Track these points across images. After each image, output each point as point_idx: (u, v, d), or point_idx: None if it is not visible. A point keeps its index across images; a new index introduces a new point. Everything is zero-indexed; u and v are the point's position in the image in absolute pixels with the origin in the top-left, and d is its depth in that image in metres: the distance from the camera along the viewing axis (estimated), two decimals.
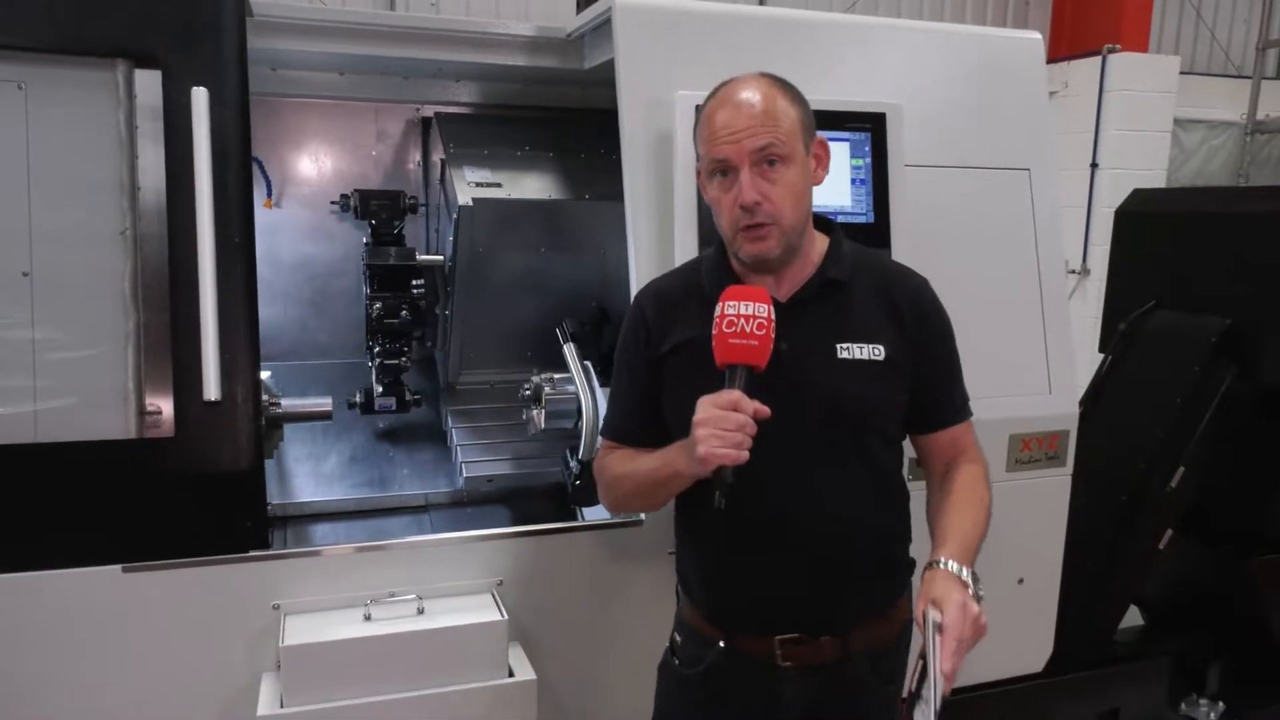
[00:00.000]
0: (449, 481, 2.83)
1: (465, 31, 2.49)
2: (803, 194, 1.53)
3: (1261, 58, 7.71)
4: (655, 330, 1.64)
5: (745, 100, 1.49)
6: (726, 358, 1.44)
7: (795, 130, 1.50)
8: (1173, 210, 3.34)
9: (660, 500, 1.65)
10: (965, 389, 1.71)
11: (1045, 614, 2.65)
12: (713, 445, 1.39)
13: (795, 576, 1.59)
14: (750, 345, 1.43)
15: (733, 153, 1.48)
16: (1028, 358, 2.52)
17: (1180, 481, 2.90)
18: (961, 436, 1.68)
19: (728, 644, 1.64)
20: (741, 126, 1.47)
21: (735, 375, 1.44)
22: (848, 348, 1.55)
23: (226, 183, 1.91)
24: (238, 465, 1.94)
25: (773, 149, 1.47)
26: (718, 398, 1.42)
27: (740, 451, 1.39)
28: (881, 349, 1.55)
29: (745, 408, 1.40)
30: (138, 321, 1.88)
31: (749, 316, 1.43)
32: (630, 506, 1.72)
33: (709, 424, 1.40)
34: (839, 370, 1.54)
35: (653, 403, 1.64)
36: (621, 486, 1.65)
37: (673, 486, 1.57)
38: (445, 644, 1.93)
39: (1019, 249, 2.52)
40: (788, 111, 1.50)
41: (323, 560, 2.02)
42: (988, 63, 2.52)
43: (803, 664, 1.61)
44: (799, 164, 1.51)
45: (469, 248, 2.71)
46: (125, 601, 1.88)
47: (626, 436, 1.68)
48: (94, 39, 1.83)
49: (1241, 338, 2.91)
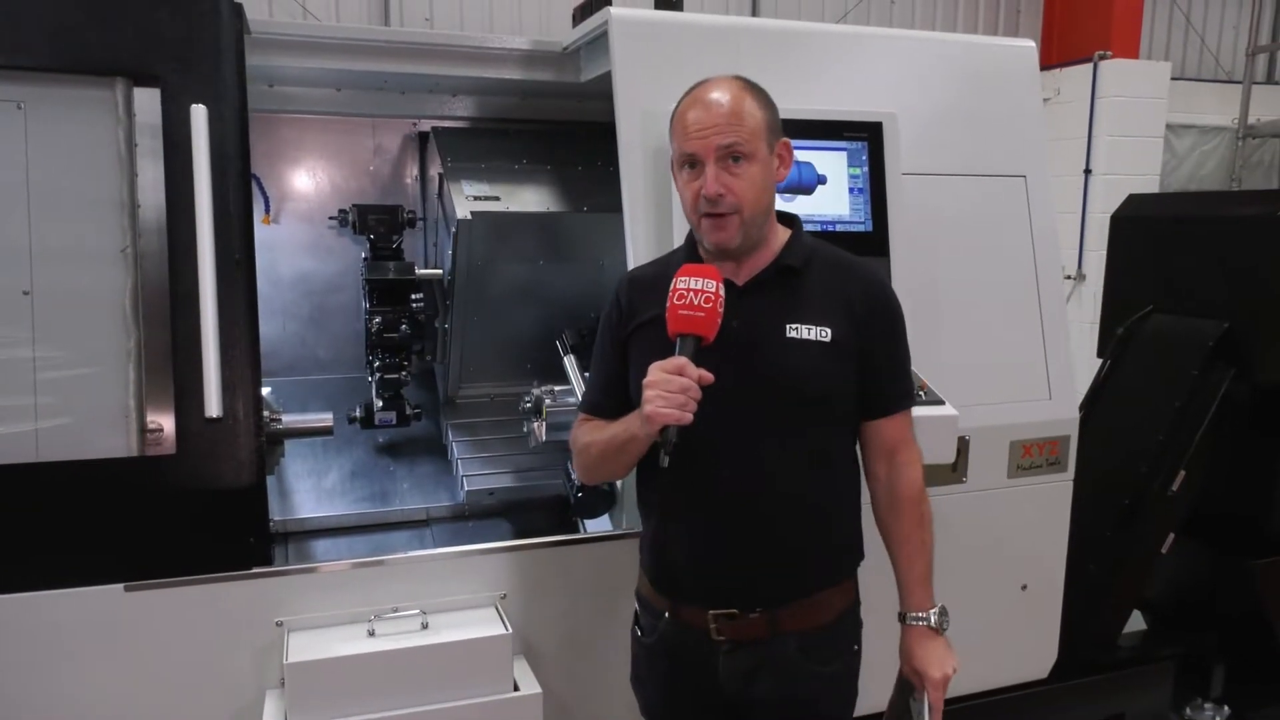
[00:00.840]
0: (450, 495, 2.83)
1: (461, 46, 2.50)
2: (764, 189, 1.63)
3: (1251, 63, 7.76)
4: (628, 311, 1.75)
5: (715, 100, 1.60)
6: (676, 327, 1.55)
7: (759, 131, 1.61)
8: (1168, 215, 3.35)
9: (623, 464, 1.73)
10: (911, 383, 1.80)
11: (1049, 620, 2.66)
12: (658, 405, 1.49)
13: (731, 547, 1.67)
14: (697, 317, 1.53)
15: (700, 148, 1.59)
16: (1027, 364, 2.52)
17: (1181, 485, 2.90)
18: (903, 423, 1.76)
19: (672, 614, 1.73)
20: (709, 125, 1.59)
21: (684, 344, 1.54)
22: (796, 328, 1.64)
23: (227, 199, 1.91)
24: (240, 482, 1.94)
25: (737, 147, 1.58)
26: (666, 362, 1.52)
27: (683, 413, 1.49)
28: (829, 331, 1.64)
29: (690, 373, 1.50)
30: (138, 339, 1.89)
31: (698, 291, 1.54)
32: (597, 472, 1.80)
33: (656, 386, 1.51)
34: (787, 348, 1.64)
35: (621, 379, 1.73)
36: (589, 452, 1.74)
37: (631, 450, 1.65)
38: (450, 659, 1.93)
39: (1017, 256, 2.53)
40: (754, 113, 1.61)
41: (325, 576, 2.02)
42: (981, 71, 2.53)
43: (735, 638, 1.67)
44: (761, 162, 1.61)
45: (468, 261, 2.71)
46: (128, 620, 1.87)
47: (598, 409, 1.78)
48: (93, 58, 1.84)
49: (1238, 341, 2.92)
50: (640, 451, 1.65)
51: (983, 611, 2.50)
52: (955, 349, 2.37)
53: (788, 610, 1.67)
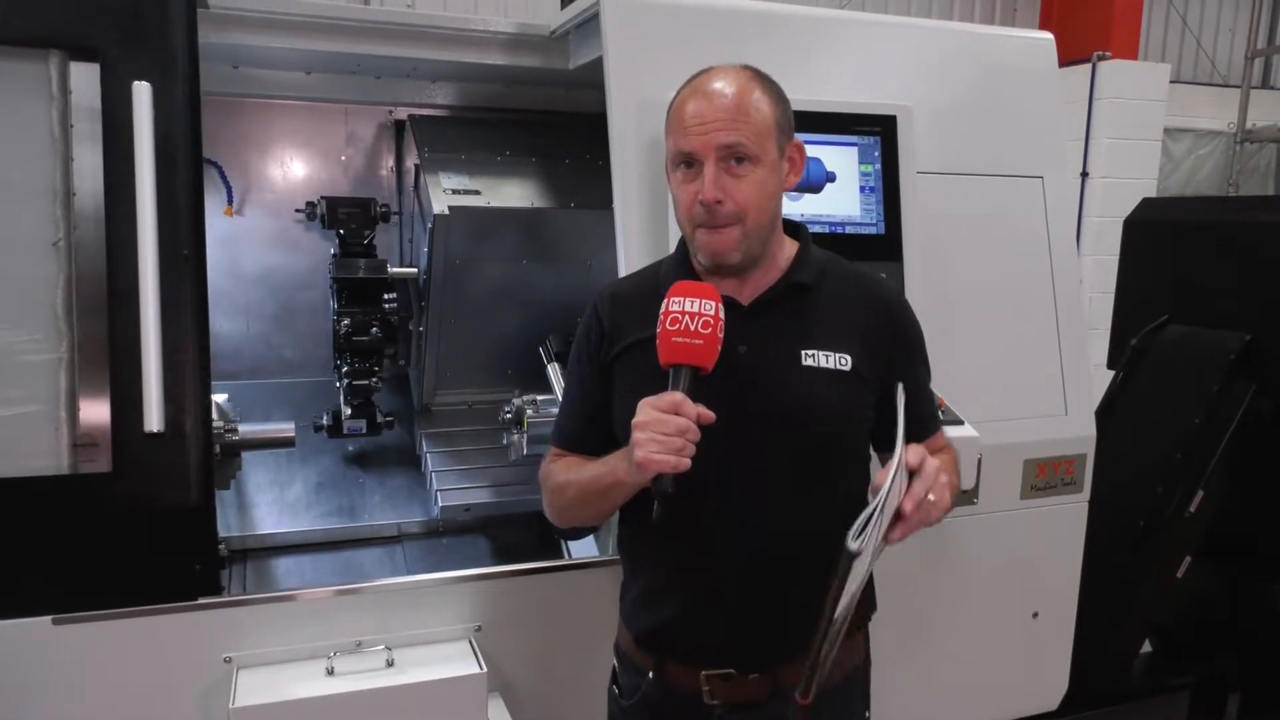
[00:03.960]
0: (423, 510, 2.69)
1: (441, 28, 2.35)
2: (770, 196, 1.45)
3: (1249, 67, 7.70)
4: (610, 332, 1.56)
5: (718, 91, 1.42)
6: (669, 357, 1.36)
7: (768, 129, 1.43)
8: (1185, 220, 3.25)
9: (604, 511, 1.55)
10: (933, 402, 1.66)
11: (1061, 649, 2.54)
12: (650, 450, 1.29)
13: (731, 603, 1.49)
14: (694, 345, 1.35)
15: (699, 145, 1.41)
16: (1043, 377, 2.40)
17: (1199, 505, 2.80)
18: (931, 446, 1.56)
19: (657, 674, 1.55)
20: (711, 119, 1.40)
21: (679, 376, 1.35)
22: (813, 354, 1.46)
23: (173, 188, 1.74)
24: (185, 502, 1.76)
25: (741, 146, 1.40)
26: (658, 400, 1.33)
27: (680, 458, 1.29)
28: (848, 358, 1.47)
29: (687, 411, 1.31)
30: (71, 342, 1.71)
31: (694, 314, 1.35)
32: (573, 517, 1.60)
33: (648, 427, 1.31)
34: (803, 377, 1.46)
35: (603, 408, 1.55)
36: (564, 494, 1.55)
37: (615, 496, 1.47)
38: (418, 700, 1.77)
39: (1033, 262, 2.41)
40: (762, 109, 1.43)
41: (281, 606, 1.85)
42: (998, 65, 2.41)
43: (730, 702, 1.50)
44: (769, 165, 1.44)
45: (445, 259, 2.57)
46: (56, 657, 1.70)
47: (574, 443, 1.59)
48: (24, 28, 1.66)
49: (1261, 354, 2.81)
50: (625, 498, 1.47)
51: (992, 641, 2.41)
52: (968, 362, 2.24)
53: (792, 669, 1.44)
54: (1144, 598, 2.85)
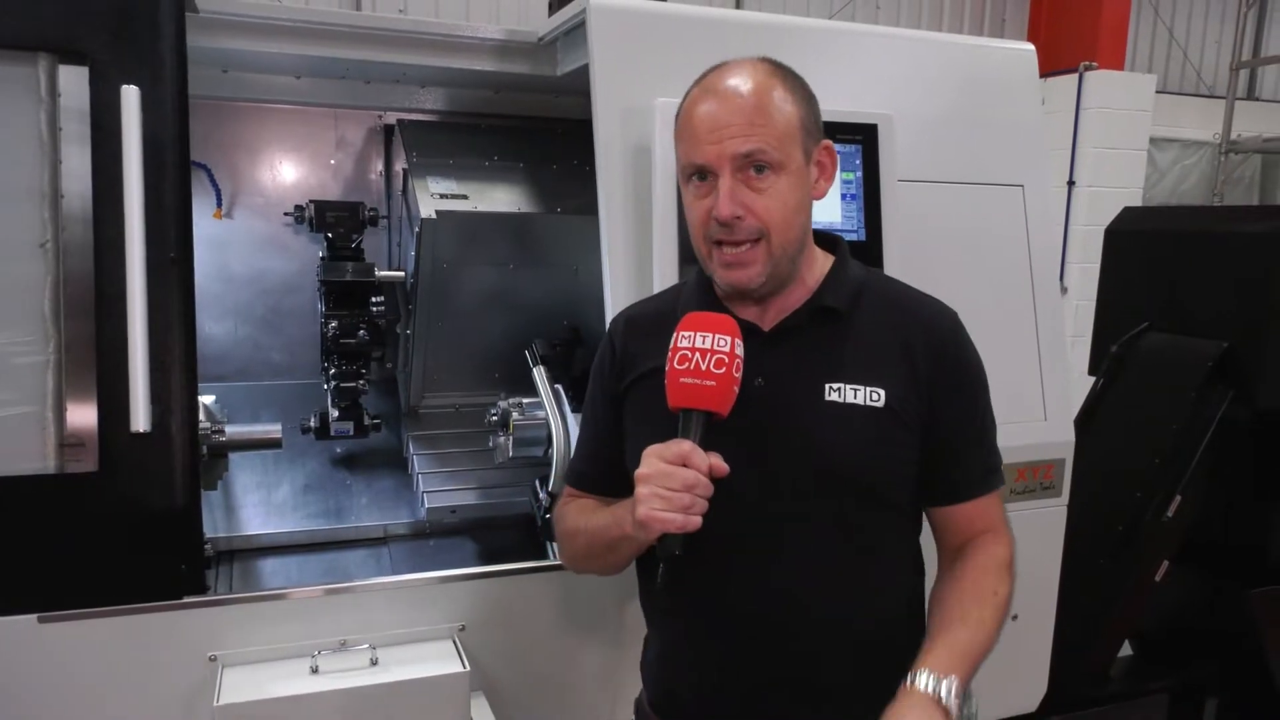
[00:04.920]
0: (410, 512, 2.68)
1: (430, 34, 2.36)
2: (797, 209, 1.27)
3: (1234, 78, 7.78)
4: (623, 361, 1.42)
5: (733, 91, 1.24)
6: (678, 401, 1.21)
7: (793, 132, 1.25)
8: (1166, 229, 3.29)
9: (615, 563, 1.41)
10: (997, 453, 1.40)
11: (1040, 652, 2.55)
12: (654, 507, 1.16)
13: (747, 675, 1.32)
14: (706, 386, 1.19)
15: (713, 155, 1.24)
16: (1022, 383, 2.42)
17: (1178, 511, 2.83)
18: (987, 512, 1.37)
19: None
20: (725, 123, 1.23)
21: (689, 423, 1.20)
22: (839, 389, 1.27)
23: (161, 191, 1.74)
24: (171, 503, 1.77)
25: (761, 154, 1.23)
26: (665, 449, 1.18)
27: (688, 517, 1.16)
28: (881, 394, 1.27)
29: (697, 463, 1.17)
30: (59, 343, 1.71)
31: (707, 351, 1.19)
32: (586, 567, 1.47)
33: (652, 481, 1.17)
34: (825, 415, 1.27)
35: (617, 445, 1.41)
36: (575, 542, 1.43)
37: (623, 550, 1.34)
38: (402, 699, 1.78)
39: (1013, 270, 2.43)
40: (785, 108, 1.25)
41: (265, 606, 1.85)
42: (979, 74, 2.43)
43: None
44: (795, 173, 1.26)
45: (432, 263, 2.58)
46: (41, 655, 1.70)
47: (588, 484, 1.47)
48: (13, 30, 1.66)
49: (1238, 361, 2.84)
50: (635, 554, 1.34)
51: None
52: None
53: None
54: (1123, 601, 2.87)
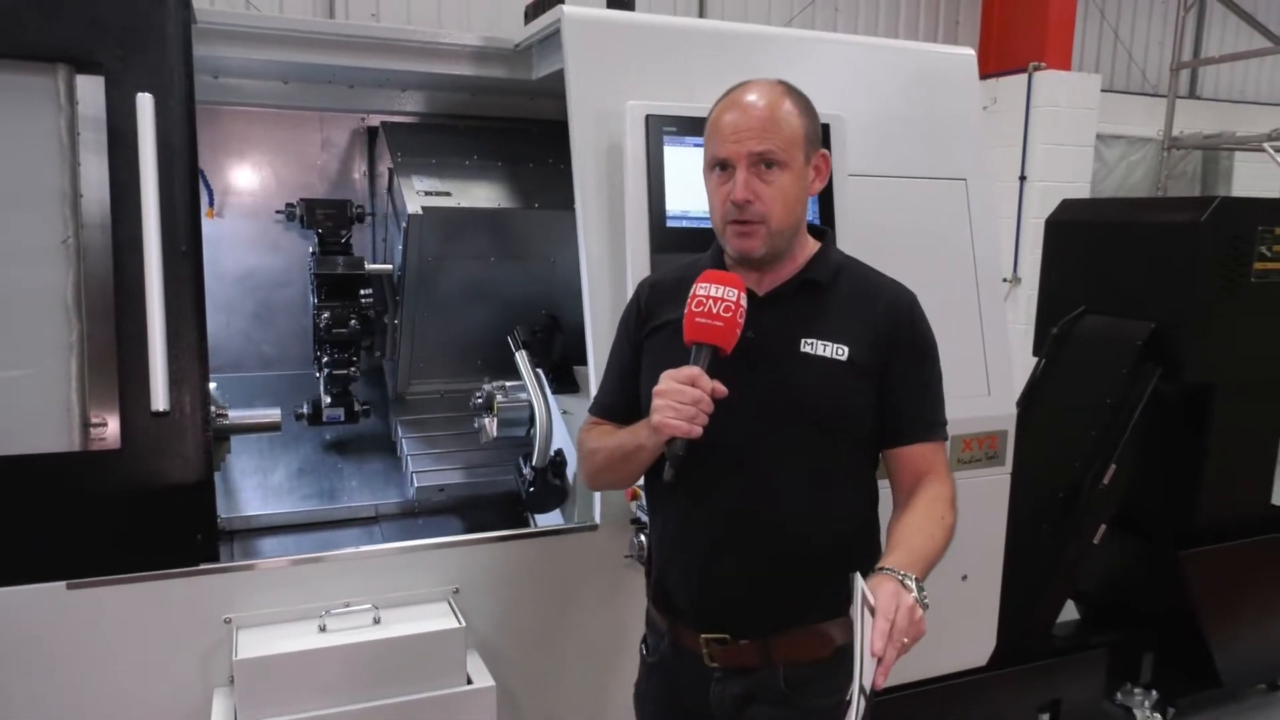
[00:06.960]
0: (399, 492, 2.81)
1: (411, 41, 2.48)
2: (795, 200, 1.57)
3: (1175, 78, 8.06)
4: (646, 313, 1.71)
5: (751, 104, 1.55)
6: (692, 336, 1.50)
7: (796, 140, 1.55)
8: (1099, 219, 3.47)
9: (628, 474, 1.67)
10: (942, 411, 1.67)
11: (988, 609, 2.73)
12: (666, 415, 1.44)
13: (726, 569, 1.60)
14: (715, 326, 1.48)
15: (732, 152, 1.54)
16: (967, 361, 2.58)
17: (1113, 479, 3.01)
18: (931, 458, 1.63)
19: (670, 636, 1.69)
20: (744, 128, 1.53)
21: (700, 354, 1.49)
22: (812, 344, 1.57)
23: (173, 191, 1.87)
24: (187, 477, 1.90)
25: (770, 154, 1.52)
26: (678, 372, 1.47)
27: (692, 425, 1.44)
28: (845, 349, 1.57)
29: (703, 384, 1.45)
30: (81, 332, 1.84)
31: (718, 299, 1.48)
32: (602, 480, 1.75)
33: (666, 395, 1.46)
34: (800, 363, 1.57)
35: (635, 382, 1.70)
36: (595, 459, 1.69)
37: (638, 460, 1.59)
38: (402, 653, 1.92)
39: (957, 256, 2.59)
40: (791, 120, 1.55)
41: (274, 572, 1.99)
42: (924, 77, 2.59)
43: (726, 665, 1.62)
44: (795, 172, 1.56)
45: (418, 257, 2.70)
46: (71, 619, 1.83)
47: (608, 413, 1.73)
48: (33, 44, 1.78)
49: (1165, 340, 3.04)
50: (647, 462, 1.59)
51: None
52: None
53: (782, 640, 1.60)
54: (1065, 563, 3.05)
